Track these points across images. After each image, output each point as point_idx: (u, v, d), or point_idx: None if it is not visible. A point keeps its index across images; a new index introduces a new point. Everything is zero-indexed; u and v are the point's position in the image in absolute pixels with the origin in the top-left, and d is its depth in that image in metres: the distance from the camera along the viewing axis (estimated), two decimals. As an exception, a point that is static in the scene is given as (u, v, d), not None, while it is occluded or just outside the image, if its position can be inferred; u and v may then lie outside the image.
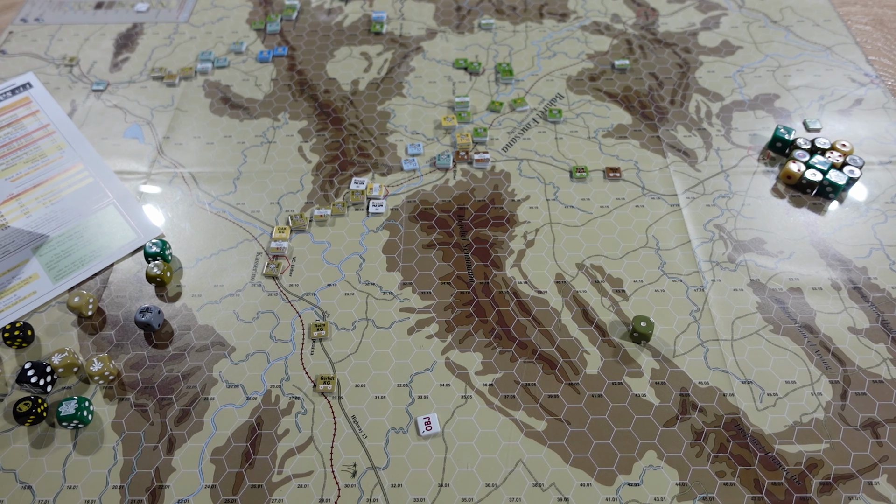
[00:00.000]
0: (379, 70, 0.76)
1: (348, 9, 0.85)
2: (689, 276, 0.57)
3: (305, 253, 0.60)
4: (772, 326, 0.54)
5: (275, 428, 0.49)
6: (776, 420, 0.49)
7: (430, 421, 0.49)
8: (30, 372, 0.50)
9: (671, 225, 0.61)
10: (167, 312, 0.56)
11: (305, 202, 0.63)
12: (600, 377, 0.51)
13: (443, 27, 0.82)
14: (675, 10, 0.83)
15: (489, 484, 0.46)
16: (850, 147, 0.64)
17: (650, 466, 0.47)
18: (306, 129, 0.70)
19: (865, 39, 0.78)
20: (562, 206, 0.62)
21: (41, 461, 0.48)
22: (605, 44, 0.79)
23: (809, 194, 0.63)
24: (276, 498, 0.46)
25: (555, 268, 0.58)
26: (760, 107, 0.71)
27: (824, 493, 0.45)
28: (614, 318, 0.54)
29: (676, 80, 0.74)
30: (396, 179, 0.65)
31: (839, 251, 0.58)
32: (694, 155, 0.66)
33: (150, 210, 0.63)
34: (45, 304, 0.57)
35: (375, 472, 0.47)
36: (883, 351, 0.52)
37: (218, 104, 0.73)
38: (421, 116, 0.71)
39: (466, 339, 0.54)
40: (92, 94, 0.74)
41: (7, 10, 0.87)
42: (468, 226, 0.61)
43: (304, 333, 0.54)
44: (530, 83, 0.74)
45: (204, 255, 0.60)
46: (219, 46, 0.80)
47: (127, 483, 0.47)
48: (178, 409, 0.50)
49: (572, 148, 0.67)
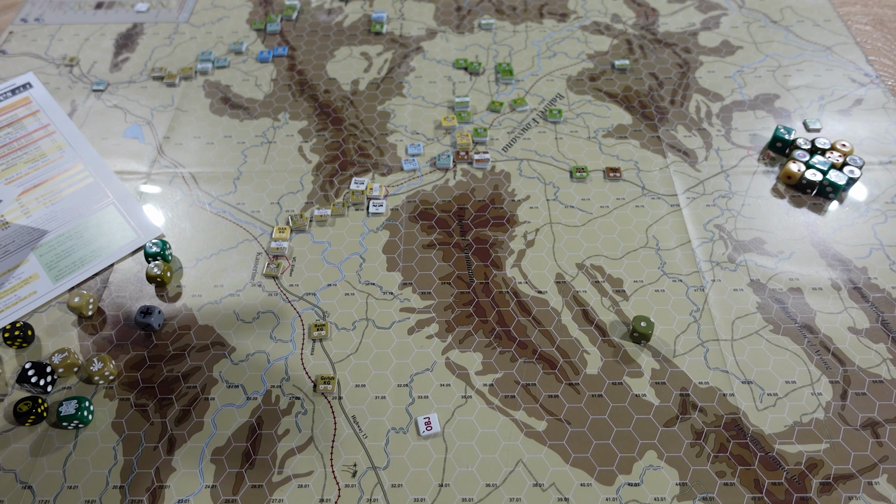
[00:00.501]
0: (379, 70, 0.76)
1: (348, 9, 0.85)
2: (689, 276, 0.57)
3: (305, 253, 0.60)
4: (772, 326, 0.54)
5: (275, 428, 0.49)
6: (776, 420, 0.49)
7: (430, 421, 0.49)
8: (30, 372, 0.50)
9: (671, 225, 0.61)
10: (167, 312, 0.56)
11: (305, 202, 0.63)
12: (600, 377, 0.51)
13: (443, 27, 0.82)
14: (675, 10, 0.83)
15: (489, 484, 0.46)
16: (850, 147, 0.64)
17: (650, 466, 0.47)
18: (306, 129, 0.70)
19: (865, 39, 0.78)
20: (562, 206, 0.62)
21: (41, 461, 0.48)
22: (605, 44, 0.79)
23: (809, 194, 0.63)
24: (277, 498, 0.46)
25: (555, 268, 0.58)
26: (760, 107, 0.71)
27: (824, 493, 0.45)
28: (614, 318, 0.54)
29: (676, 80, 0.74)
30: (396, 179, 0.65)
31: (839, 251, 0.58)
32: (694, 155, 0.66)
33: (150, 210, 0.63)
34: (46, 304, 0.57)
35: (376, 472, 0.47)
36: (883, 351, 0.52)
37: (218, 104, 0.73)
38: (421, 116, 0.71)
39: (466, 339, 0.54)
40: (92, 94, 0.74)
41: (7, 10, 0.87)
42: (468, 226, 0.61)
43: (304, 333, 0.54)
44: (530, 83, 0.74)
45: (204, 255, 0.60)
46: (219, 46, 0.80)
47: (127, 483, 0.47)
48: (179, 409, 0.50)
49: (572, 148, 0.67)
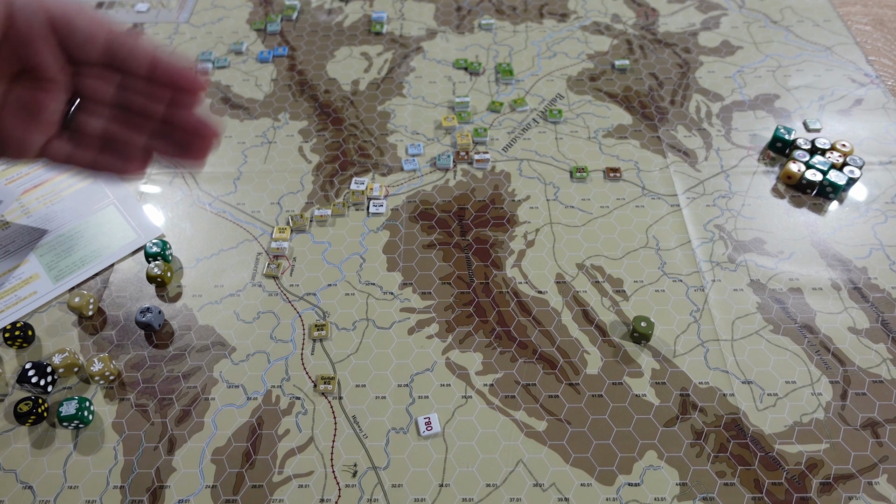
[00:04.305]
0: (379, 70, 0.76)
1: (348, 9, 0.85)
2: (689, 277, 0.57)
3: (306, 253, 0.60)
4: (772, 326, 0.54)
5: (275, 428, 0.49)
6: (776, 420, 0.49)
7: (430, 421, 0.49)
8: (30, 372, 0.50)
9: (671, 225, 0.61)
10: (167, 312, 0.56)
11: (306, 202, 0.64)
12: (600, 377, 0.51)
13: (443, 27, 0.82)
14: (675, 10, 0.83)
15: (489, 484, 0.46)
16: (850, 147, 0.64)
17: (650, 466, 0.47)
18: (306, 129, 0.70)
19: (865, 39, 0.78)
20: (562, 207, 0.62)
21: (42, 461, 0.48)
22: (605, 44, 0.79)
23: (809, 194, 0.63)
24: (277, 498, 0.46)
25: (555, 268, 0.58)
26: (760, 107, 0.71)
27: (824, 493, 0.45)
28: (614, 319, 0.54)
29: (676, 80, 0.74)
30: (397, 179, 0.65)
31: (839, 251, 0.58)
32: (694, 155, 0.66)
33: (150, 210, 0.63)
34: (46, 304, 0.57)
35: (376, 472, 0.47)
36: (883, 351, 0.52)
37: (218, 104, 0.73)
38: (421, 116, 0.71)
39: (467, 340, 0.54)
40: (92, 94, 0.74)
41: (7, 10, 0.86)
42: (468, 226, 0.61)
43: (304, 333, 0.54)
44: (530, 83, 0.74)
45: (204, 256, 0.60)
46: (219, 46, 0.80)
47: (127, 483, 0.47)
48: (179, 409, 0.50)
49: (572, 148, 0.67)
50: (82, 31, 0.37)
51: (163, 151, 0.40)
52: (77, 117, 0.39)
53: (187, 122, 0.39)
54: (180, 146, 0.40)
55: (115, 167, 0.40)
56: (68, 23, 0.37)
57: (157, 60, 0.38)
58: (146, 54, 0.38)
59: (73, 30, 0.37)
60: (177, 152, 0.40)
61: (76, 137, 0.40)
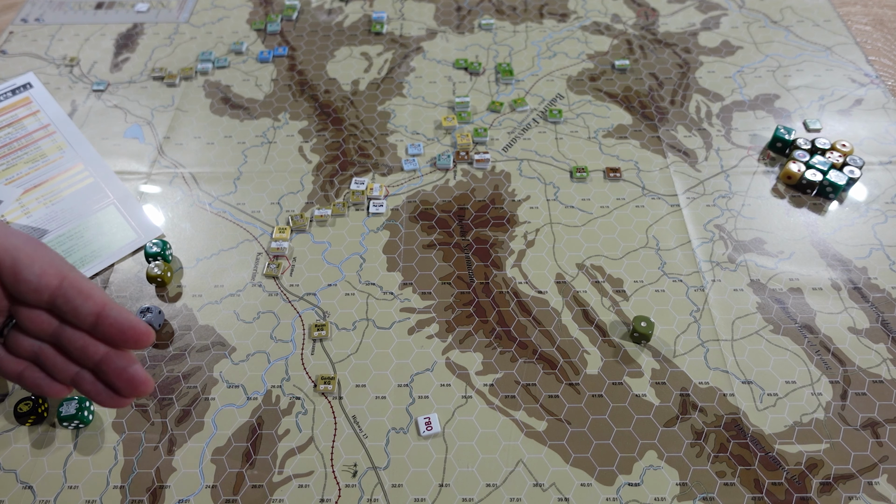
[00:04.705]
0: (379, 70, 0.76)
1: (348, 9, 0.85)
2: (689, 277, 0.57)
3: (306, 253, 0.60)
4: (772, 326, 0.54)
5: (275, 428, 0.49)
6: (776, 420, 0.49)
7: (430, 421, 0.49)
8: (30, 372, 0.50)
9: (671, 225, 0.61)
10: (167, 312, 0.56)
11: (306, 202, 0.64)
12: (600, 377, 0.51)
13: (443, 27, 0.82)
14: (675, 10, 0.83)
15: (489, 484, 0.46)
16: (850, 147, 0.64)
17: (650, 466, 0.47)
18: (306, 129, 0.70)
19: (865, 39, 0.78)
20: (562, 207, 0.62)
21: (42, 461, 0.48)
22: (605, 44, 0.79)
23: (809, 194, 0.63)
24: (277, 498, 0.46)
25: (555, 268, 0.58)
26: (760, 107, 0.71)
27: (824, 493, 0.45)
28: (614, 319, 0.54)
29: (676, 80, 0.74)
30: (397, 179, 0.65)
31: (839, 251, 0.58)
32: (694, 155, 0.66)
33: (150, 210, 0.63)
34: (46, 304, 0.57)
35: (376, 472, 0.47)
36: (883, 351, 0.52)
37: (218, 104, 0.73)
38: (421, 116, 0.71)
39: (467, 340, 0.54)
40: (92, 94, 0.75)
41: (7, 10, 0.87)
42: (468, 226, 0.61)
43: (304, 333, 0.54)
44: (530, 83, 0.74)
45: (204, 256, 0.60)
46: (219, 46, 0.80)
47: (127, 483, 0.47)
48: (179, 409, 0.50)
49: (572, 148, 0.67)
50: (30, 283, 0.38)
51: (88, 389, 0.41)
52: (10, 334, 0.40)
53: (121, 375, 0.39)
54: (107, 389, 0.40)
55: (39, 386, 0.41)
56: (16, 273, 0.38)
57: (104, 316, 0.38)
58: (94, 308, 0.38)
59: (19, 280, 0.38)
60: (100, 393, 0.40)
61: (7, 346, 0.41)
